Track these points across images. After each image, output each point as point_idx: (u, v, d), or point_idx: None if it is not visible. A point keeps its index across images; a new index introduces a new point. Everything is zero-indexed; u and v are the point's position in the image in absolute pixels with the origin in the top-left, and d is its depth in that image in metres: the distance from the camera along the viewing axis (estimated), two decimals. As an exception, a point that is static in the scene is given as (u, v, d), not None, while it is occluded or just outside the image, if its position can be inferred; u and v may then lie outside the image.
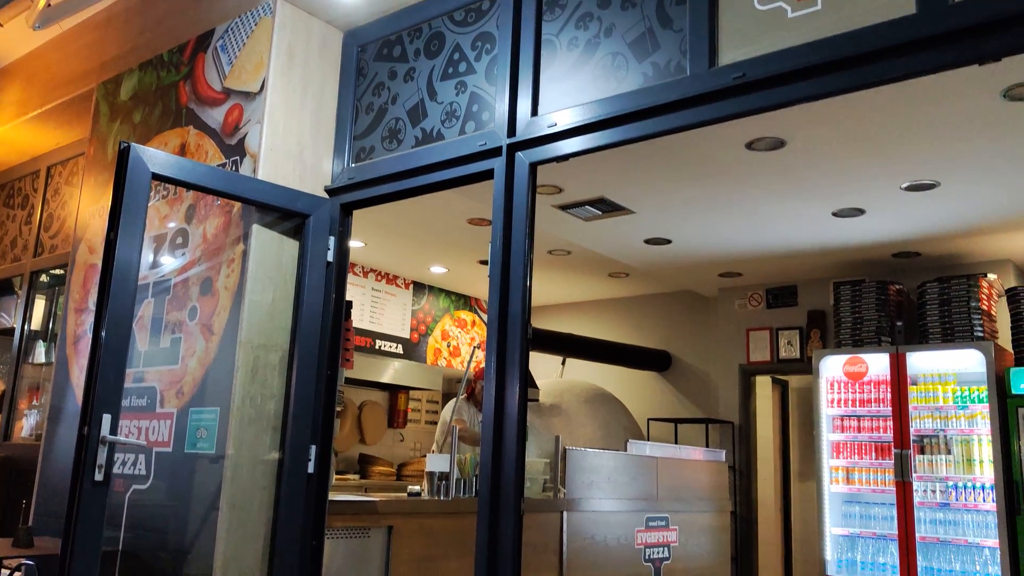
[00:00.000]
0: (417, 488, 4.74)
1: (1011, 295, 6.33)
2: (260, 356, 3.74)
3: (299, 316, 3.82)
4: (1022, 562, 5.64)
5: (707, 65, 2.98)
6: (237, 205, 3.91)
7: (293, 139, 4.03)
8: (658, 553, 5.59)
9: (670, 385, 8.83)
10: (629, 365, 8.79)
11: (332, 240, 3.95)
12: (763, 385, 8.74)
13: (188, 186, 3.66)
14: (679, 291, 8.82)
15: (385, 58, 4.11)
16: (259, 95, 4.01)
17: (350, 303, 4.12)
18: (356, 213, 4.16)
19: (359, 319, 8.16)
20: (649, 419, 8.46)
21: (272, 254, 3.86)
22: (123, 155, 3.35)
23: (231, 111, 4.14)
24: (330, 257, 3.93)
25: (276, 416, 3.75)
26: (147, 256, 4.27)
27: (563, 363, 9.01)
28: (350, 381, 7.62)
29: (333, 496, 3.95)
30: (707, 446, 7.68)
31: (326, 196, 4.06)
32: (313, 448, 3.74)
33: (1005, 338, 6.48)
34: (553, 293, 9.28)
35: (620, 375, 8.91)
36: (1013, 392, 5.87)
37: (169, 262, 4.22)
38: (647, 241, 6.86)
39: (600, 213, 6.19)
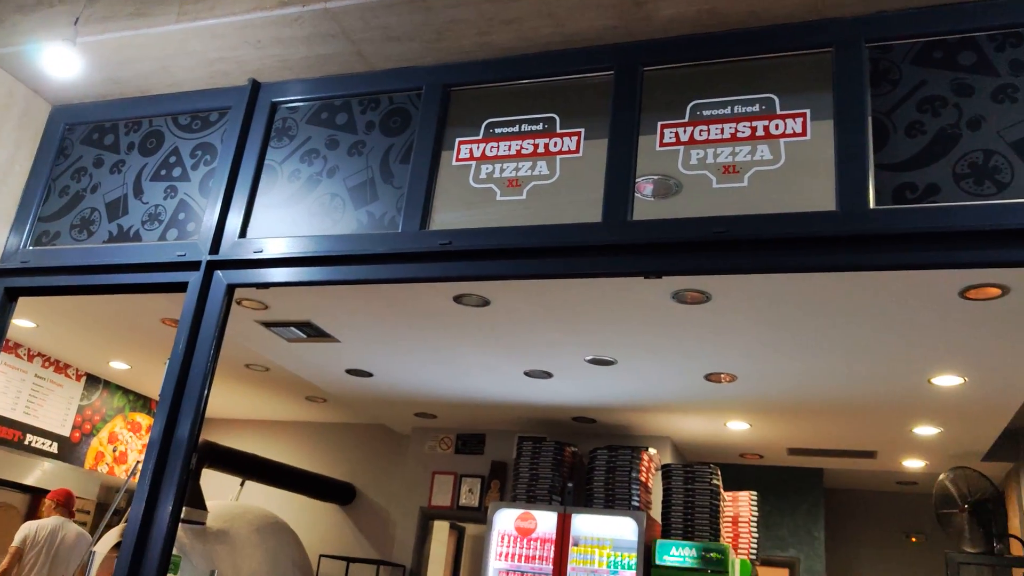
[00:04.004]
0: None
1: (665, 471, 7.00)
2: None
3: (-78, 407, 3.29)
4: None
5: (419, 226, 3.10)
6: None
7: (-37, 206, 3.59)
8: None
9: (350, 520, 8.61)
10: (312, 495, 8.48)
11: (-14, 326, 3.50)
12: (441, 530, 8.78)
13: None
14: (374, 424, 8.77)
15: (94, 143, 3.84)
16: (-69, 150, 3.55)
17: (-7, 399, 3.62)
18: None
19: (11, 408, 7.19)
20: (321, 555, 8.14)
21: (-96, 330, 3.33)
22: None
23: None
24: (-22, 345, 3.46)
25: None
26: None
27: (242, 484, 8.48)
28: (-17, 479, 6.61)
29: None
30: (375, 588, 7.51)
31: (-10, 276, 3.62)
32: (-98, 567, 3.15)
33: (657, 510, 7.10)
34: (244, 407, 8.83)
35: (301, 504, 8.55)
36: (657, 562, 6.40)
37: None
38: (349, 371, 6.82)
39: (305, 337, 6.08)
